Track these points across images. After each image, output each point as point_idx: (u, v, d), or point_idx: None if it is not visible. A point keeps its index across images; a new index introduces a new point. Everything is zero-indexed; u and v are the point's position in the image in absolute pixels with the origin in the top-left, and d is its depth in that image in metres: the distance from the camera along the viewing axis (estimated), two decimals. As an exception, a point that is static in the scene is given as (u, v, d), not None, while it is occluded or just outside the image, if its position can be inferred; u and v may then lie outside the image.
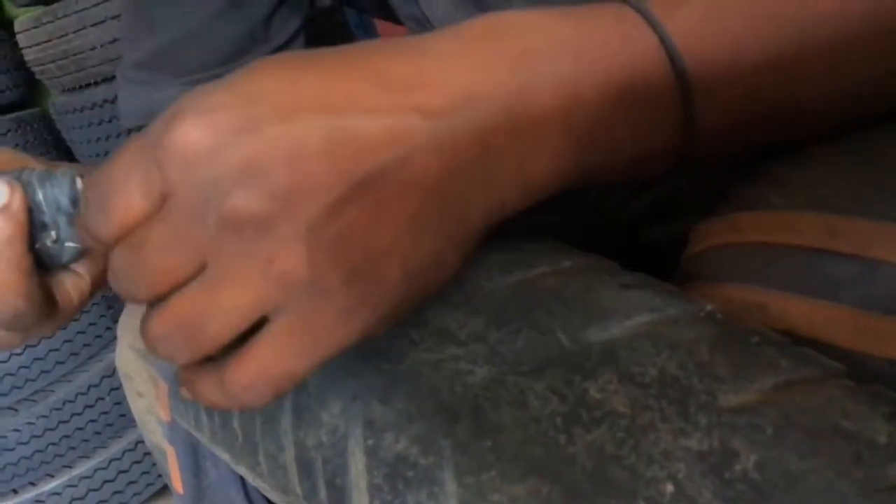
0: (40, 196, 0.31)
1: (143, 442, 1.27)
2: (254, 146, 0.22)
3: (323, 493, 0.24)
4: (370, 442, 0.23)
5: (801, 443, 0.20)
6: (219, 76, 0.62)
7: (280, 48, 0.59)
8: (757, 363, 0.21)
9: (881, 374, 0.23)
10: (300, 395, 0.25)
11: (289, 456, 0.25)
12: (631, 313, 0.24)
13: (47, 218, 0.31)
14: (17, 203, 0.30)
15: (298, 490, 0.25)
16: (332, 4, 0.67)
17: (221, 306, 0.22)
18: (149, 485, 1.34)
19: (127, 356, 0.56)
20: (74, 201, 0.31)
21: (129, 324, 0.57)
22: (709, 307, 0.24)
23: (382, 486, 0.22)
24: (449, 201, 0.24)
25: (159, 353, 0.24)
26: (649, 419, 0.21)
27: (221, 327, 0.23)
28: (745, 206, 0.31)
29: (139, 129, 0.58)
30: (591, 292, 0.25)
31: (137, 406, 0.56)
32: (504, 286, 0.25)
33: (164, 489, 1.36)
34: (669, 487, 0.20)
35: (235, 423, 0.27)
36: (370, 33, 1.42)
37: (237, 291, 0.22)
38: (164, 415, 0.53)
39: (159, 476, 1.32)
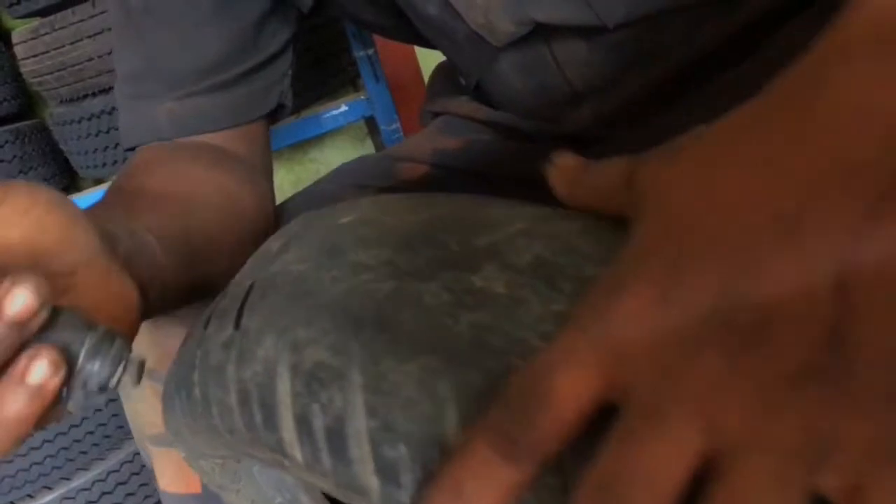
0: (79, 371, 0.29)
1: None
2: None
3: (258, 416, 0.26)
4: (294, 359, 0.25)
5: None
6: (211, 87, 0.61)
7: (271, 58, 0.59)
8: (623, 242, 0.22)
9: None
10: (243, 341, 0.27)
11: (233, 396, 0.27)
12: (515, 220, 0.26)
13: (70, 389, 0.29)
14: (52, 387, 0.27)
15: (241, 424, 0.26)
16: (331, 15, 0.67)
17: None
18: (147, 497, 1.33)
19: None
20: (107, 381, 0.29)
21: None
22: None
23: (301, 391, 0.24)
24: None
25: None
26: (523, 295, 0.24)
27: None
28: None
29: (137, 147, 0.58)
30: (483, 209, 0.28)
31: (130, 408, 0.55)
32: (413, 222, 0.28)
33: (163, 501, 1.35)
34: (539, 344, 0.22)
35: (197, 392, 0.29)
36: (367, 45, 1.42)
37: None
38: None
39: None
